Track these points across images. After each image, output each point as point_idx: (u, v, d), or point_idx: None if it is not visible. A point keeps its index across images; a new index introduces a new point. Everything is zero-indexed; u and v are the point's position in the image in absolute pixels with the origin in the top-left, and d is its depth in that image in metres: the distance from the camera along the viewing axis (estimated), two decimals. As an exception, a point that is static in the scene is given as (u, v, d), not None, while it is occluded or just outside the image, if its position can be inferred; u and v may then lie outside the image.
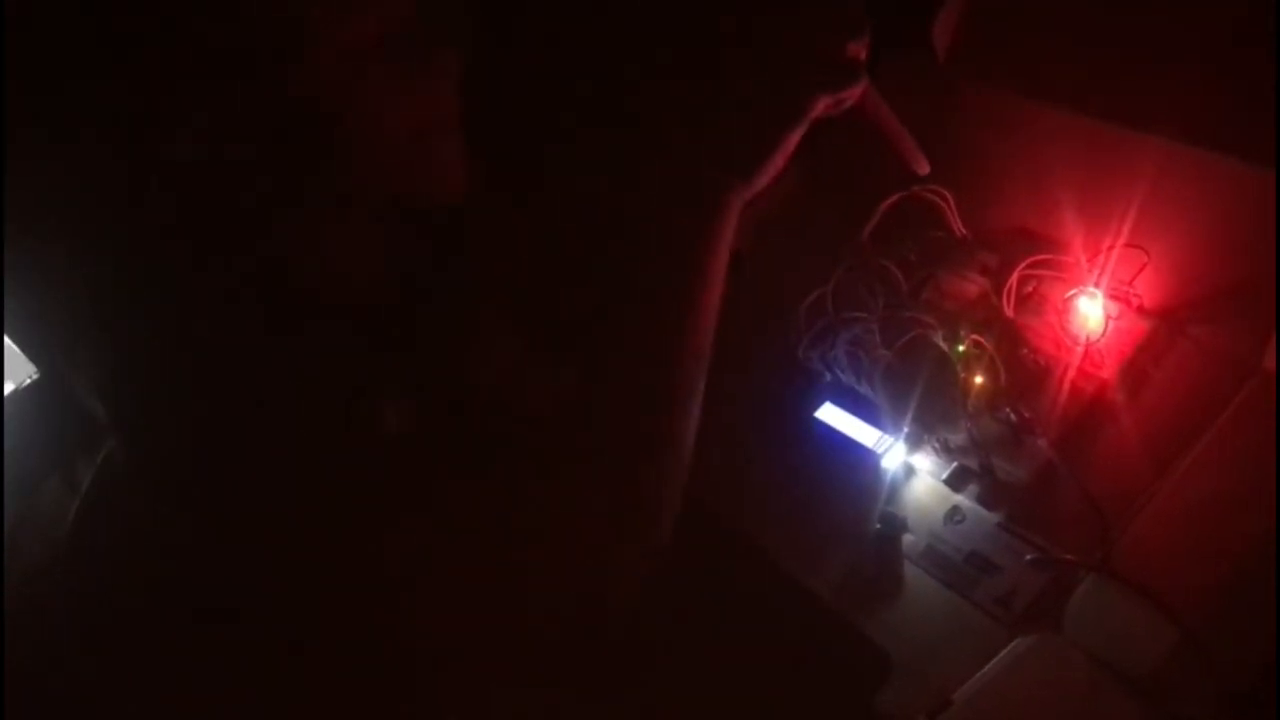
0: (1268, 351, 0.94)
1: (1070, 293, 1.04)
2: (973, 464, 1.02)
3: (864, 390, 1.11)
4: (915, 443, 1.06)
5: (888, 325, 1.10)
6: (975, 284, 1.12)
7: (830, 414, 1.13)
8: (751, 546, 1.03)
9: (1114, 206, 1.03)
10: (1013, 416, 1.01)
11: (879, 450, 1.07)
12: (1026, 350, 1.04)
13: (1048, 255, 1.07)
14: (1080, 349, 1.02)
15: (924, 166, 0.95)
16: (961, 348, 1.03)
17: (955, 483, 1.03)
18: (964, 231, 1.15)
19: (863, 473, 1.07)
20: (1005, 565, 0.95)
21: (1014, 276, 1.07)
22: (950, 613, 0.95)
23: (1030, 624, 0.90)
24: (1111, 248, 1.03)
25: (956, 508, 1.01)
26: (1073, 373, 1.02)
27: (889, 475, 1.06)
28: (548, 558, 0.73)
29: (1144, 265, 1.03)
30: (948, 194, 1.12)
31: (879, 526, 1.02)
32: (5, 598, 0.81)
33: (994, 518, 0.99)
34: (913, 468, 1.06)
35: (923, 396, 1.03)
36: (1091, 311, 1.02)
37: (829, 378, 1.15)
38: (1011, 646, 0.88)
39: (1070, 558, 0.92)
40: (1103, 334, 1.01)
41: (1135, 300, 1.04)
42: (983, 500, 1.01)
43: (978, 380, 1.02)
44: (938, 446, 1.05)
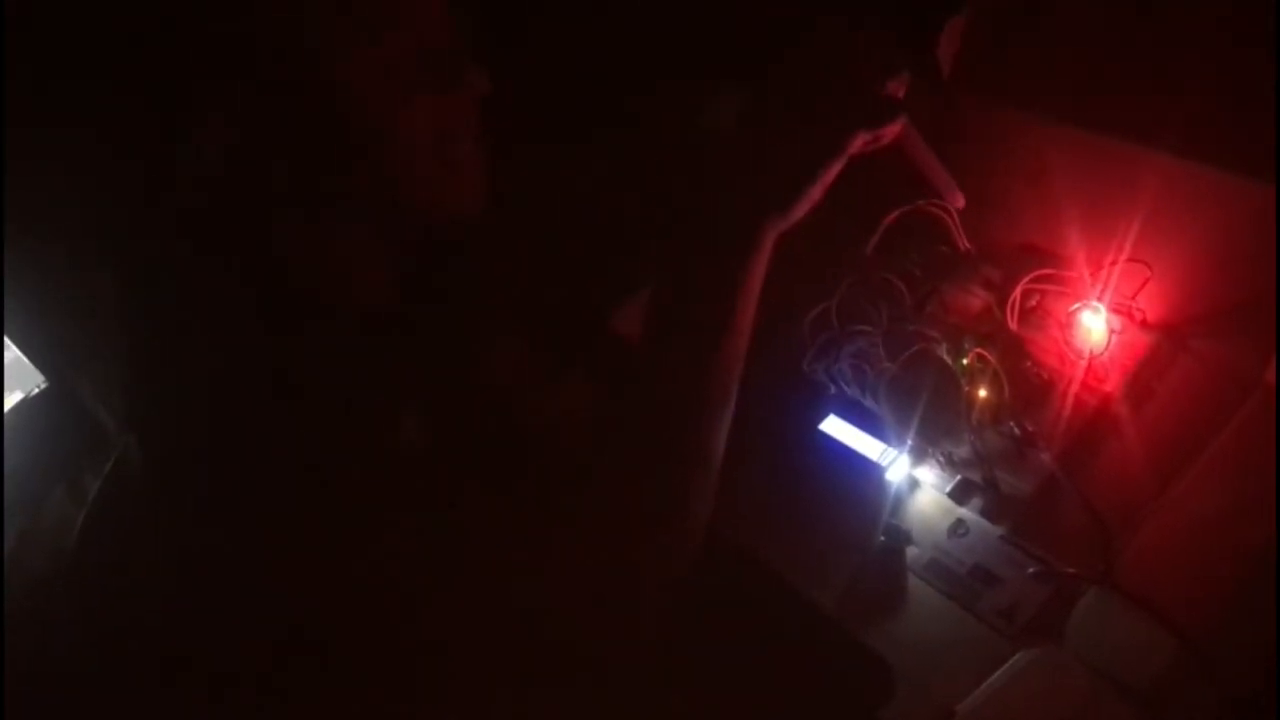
0: (1270, 366, 0.95)
1: (1074, 307, 1.04)
2: (976, 477, 1.02)
3: (868, 403, 1.11)
4: (919, 456, 1.07)
5: (892, 339, 1.10)
6: (979, 298, 1.13)
7: (834, 426, 1.13)
8: (755, 558, 1.03)
9: (1117, 221, 1.04)
10: (1016, 430, 1.01)
11: (883, 463, 1.08)
12: (1030, 364, 1.05)
13: (1051, 270, 1.08)
14: (1083, 363, 1.03)
15: (959, 200, 0.95)
16: (965, 361, 1.04)
17: (959, 496, 1.03)
18: (968, 246, 1.15)
19: (867, 485, 1.07)
20: (1008, 578, 0.95)
21: (1017, 291, 1.07)
22: (953, 625, 0.95)
23: (1033, 636, 0.91)
24: (1115, 262, 1.04)
25: (960, 520, 1.02)
26: (1076, 387, 1.02)
27: (893, 488, 1.06)
28: (566, 571, 0.73)
29: (1147, 280, 1.03)
30: (952, 209, 1.12)
31: (883, 539, 1.02)
32: (11, 608, 0.81)
33: (997, 531, 0.99)
34: (917, 480, 1.06)
35: (927, 410, 1.04)
36: (1095, 326, 1.03)
37: (833, 390, 1.16)
38: (1014, 659, 0.88)
39: (1073, 571, 0.92)
40: (1106, 348, 1.02)
41: (1138, 315, 1.04)
42: (986, 513, 1.01)
43: (981, 394, 1.02)
44: (942, 459, 1.05)
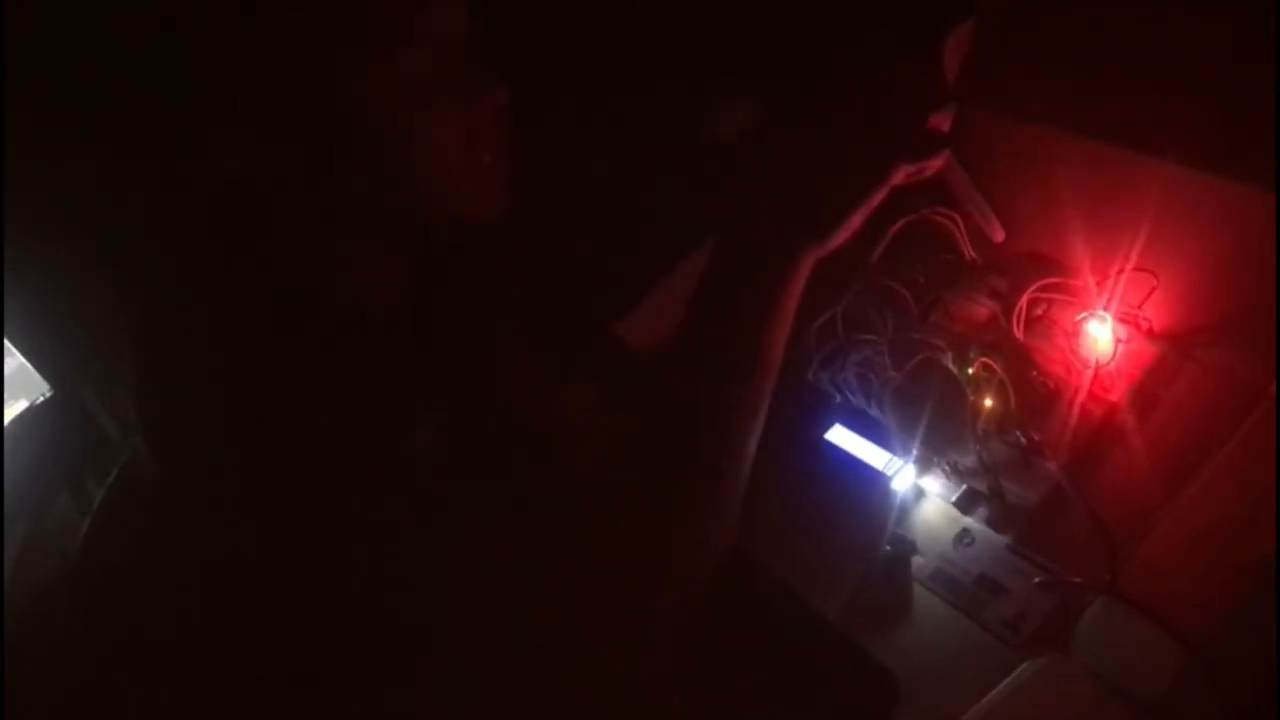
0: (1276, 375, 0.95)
1: (1080, 316, 1.04)
2: (982, 486, 1.02)
3: (874, 412, 1.11)
4: (925, 465, 1.06)
5: (897, 348, 1.10)
6: (985, 307, 1.13)
7: (840, 436, 1.13)
8: (759, 567, 1.03)
9: (1123, 231, 1.04)
10: (1022, 439, 1.01)
11: (888, 472, 1.08)
12: (1036, 373, 1.05)
13: (1057, 279, 1.08)
14: (1089, 372, 1.03)
15: (999, 234, 0.96)
16: (971, 370, 1.04)
17: (964, 505, 1.03)
18: (973, 255, 1.15)
19: (872, 494, 1.07)
20: (1014, 588, 0.95)
21: (1023, 300, 1.08)
22: (959, 635, 0.95)
23: (1039, 646, 0.90)
24: (1120, 272, 1.04)
25: (966, 530, 1.01)
26: (1082, 396, 1.02)
27: (898, 497, 1.06)
28: (579, 585, 0.74)
29: (1153, 289, 1.03)
30: (957, 217, 1.12)
31: (888, 548, 1.02)
32: (16, 613, 0.82)
33: (1003, 540, 0.99)
34: (922, 490, 1.06)
35: (932, 419, 1.04)
36: (1101, 335, 1.02)
37: (839, 399, 1.16)
38: (1020, 669, 0.88)
39: (1079, 580, 0.92)
40: (1112, 357, 1.02)
41: (1144, 324, 1.04)
42: (992, 523, 1.01)
43: (987, 403, 1.02)
44: (947, 469, 1.05)
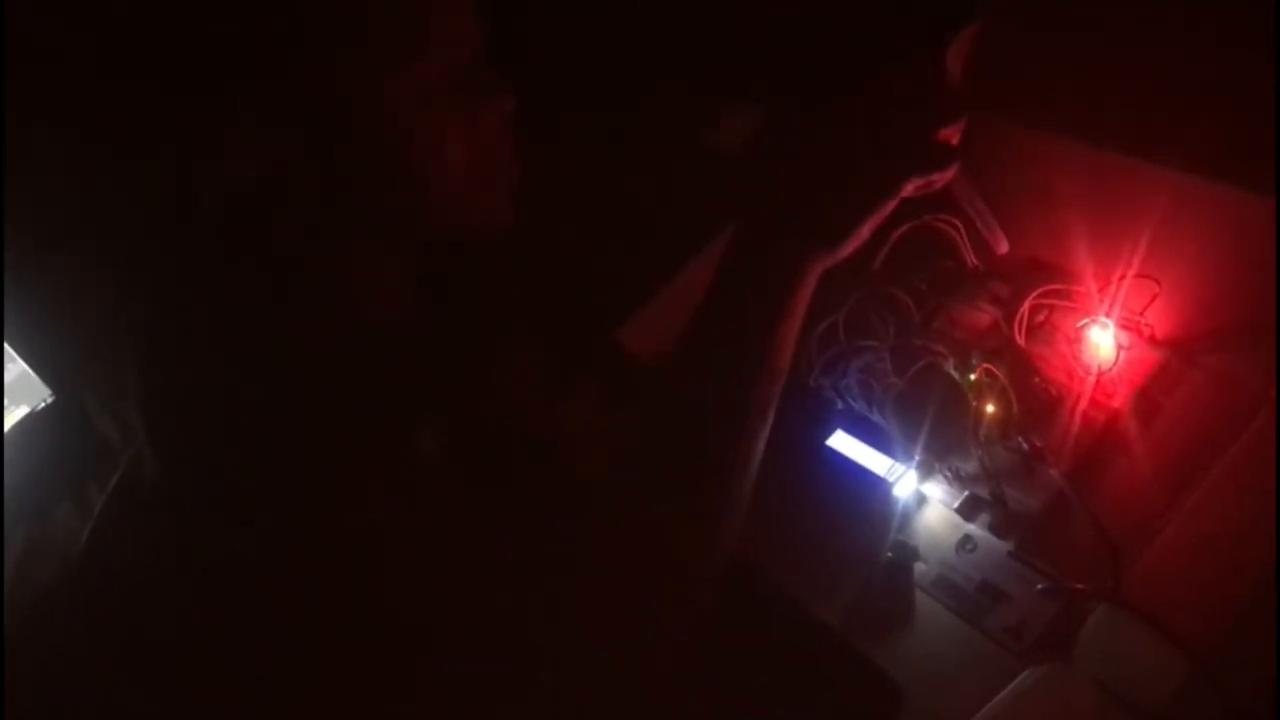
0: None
1: (1082, 322, 1.04)
2: (984, 493, 1.02)
3: (875, 418, 1.11)
4: (927, 471, 1.06)
5: (899, 353, 1.10)
6: (987, 313, 1.12)
7: (842, 442, 1.13)
8: (761, 573, 1.02)
9: (1125, 237, 1.04)
10: (1024, 446, 1.01)
11: (890, 478, 1.07)
12: (1038, 380, 1.04)
13: (1059, 285, 1.08)
14: (1092, 379, 1.02)
15: (1003, 246, 0.95)
16: (973, 376, 1.03)
17: (967, 511, 1.03)
18: (975, 261, 1.15)
19: (874, 501, 1.07)
20: (1016, 594, 0.95)
21: (1025, 306, 1.07)
22: (961, 642, 0.95)
23: (1041, 654, 0.90)
24: (1123, 278, 1.04)
25: (968, 536, 1.01)
26: (1084, 402, 1.02)
27: (900, 503, 1.05)
28: (582, 586, 0.74)
29: (1155, 295, 1.03)
30: (959, 223, 1.12)
31: (890, 555, 1.02)
32: (17, 616, 0.82)
33: (1005, 547, 0.98)
34: (924, 496, 1.06)
35: (934, 425, 1.03)
36: (1103, 341, 1.02)
37: (840, 405, 1.15)
38: (1022, 676, 0.88)
39: (1081, 587, 0.91)
40: (1114, 364, 1.02)
41: (1147, 330, 1.04)
42: (994, 529, 1.00)
43: (989, 409, 1.02)
44: (949, 475, 1.05)
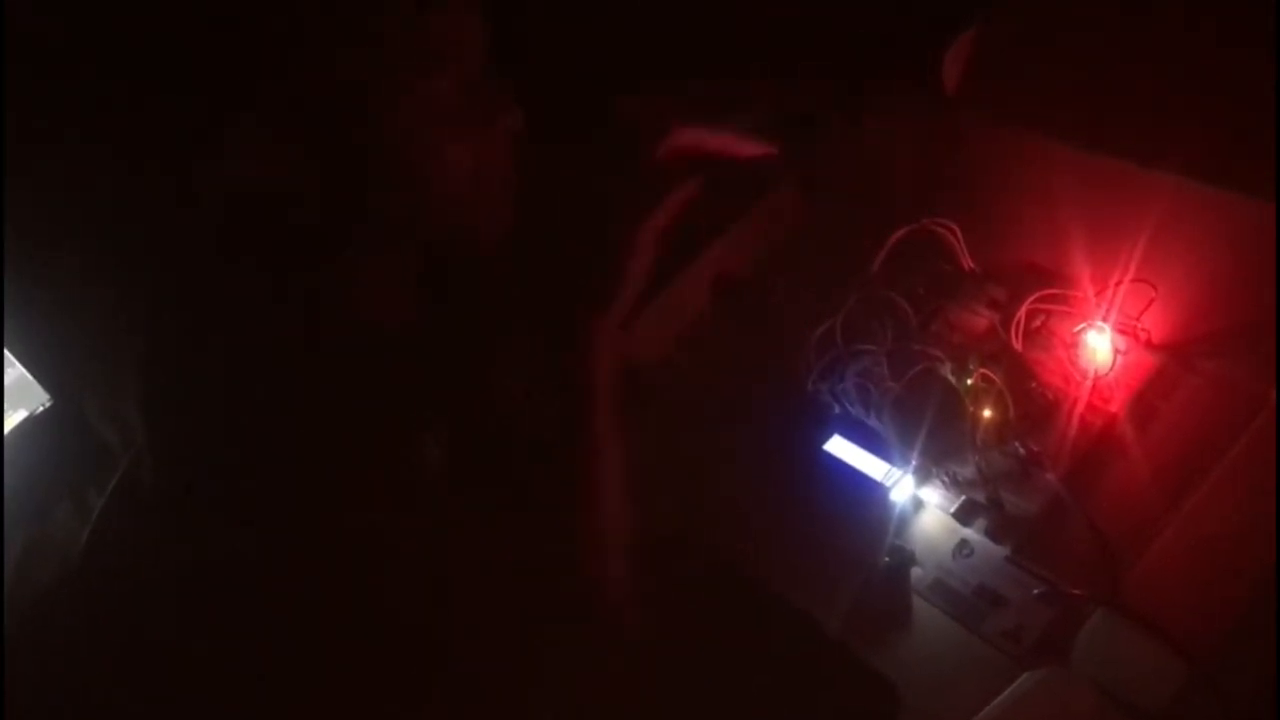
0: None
1: (1079, 327, 1.04)
2: (981, 497, 1.02)
3: (873, 423, 1.11)
4: (924, 476, 1.06)
5: (896, 358, 1.10)
6: (984, 318, 1.12)
7: (839, 446, 1.13)
8: (758, 578, 1.02)
9: (1122, 242, 1.04)
10: (1021, 450, 1.01)
11: (887, 483, 1.07)
12: (1035, 384, 1.04)
13: (1056, 290, 1.08)
14: (1089, 383, 1.02)
15: (760, 149, 0.89)
16: (970, 381, 1.03)
17: (964, 516, 1.03)
18: (972, 265, 1.15)
19: (871, 505, 1.07)
20: (1013, 599, 0.95)
21: (1022, 310, 1.07)
22: (958, 646, 0.95)
23: (1039, 658, 0.90)
24: (1119, 282, 1.04)
25: (965, 541, 1.01)
26: (1081, 407, 1.02)
27: (897, 508, 1.05)
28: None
29: (1152, 300, 1.03)
30: (956, 228, 1.13)
31: (887, 559, 1.01)
32: (17, 618, 0.82)
33: (1002, 551, 0.98)
34: (921, 501, 1.06)
35: (931, 430, 1.03)
36: (1100, 346, 1.02)
37: (838, 410, 1.15)
38: (1020, 680, 0.88)
39: (1079, 592, 0.91)
40: (1111, 368, 1.02)
41: (1143, 334, 1.04)
42: (991, 534, 1.00)
43: (986, 414, 1.02)
44: (946, 480, 1.05)
